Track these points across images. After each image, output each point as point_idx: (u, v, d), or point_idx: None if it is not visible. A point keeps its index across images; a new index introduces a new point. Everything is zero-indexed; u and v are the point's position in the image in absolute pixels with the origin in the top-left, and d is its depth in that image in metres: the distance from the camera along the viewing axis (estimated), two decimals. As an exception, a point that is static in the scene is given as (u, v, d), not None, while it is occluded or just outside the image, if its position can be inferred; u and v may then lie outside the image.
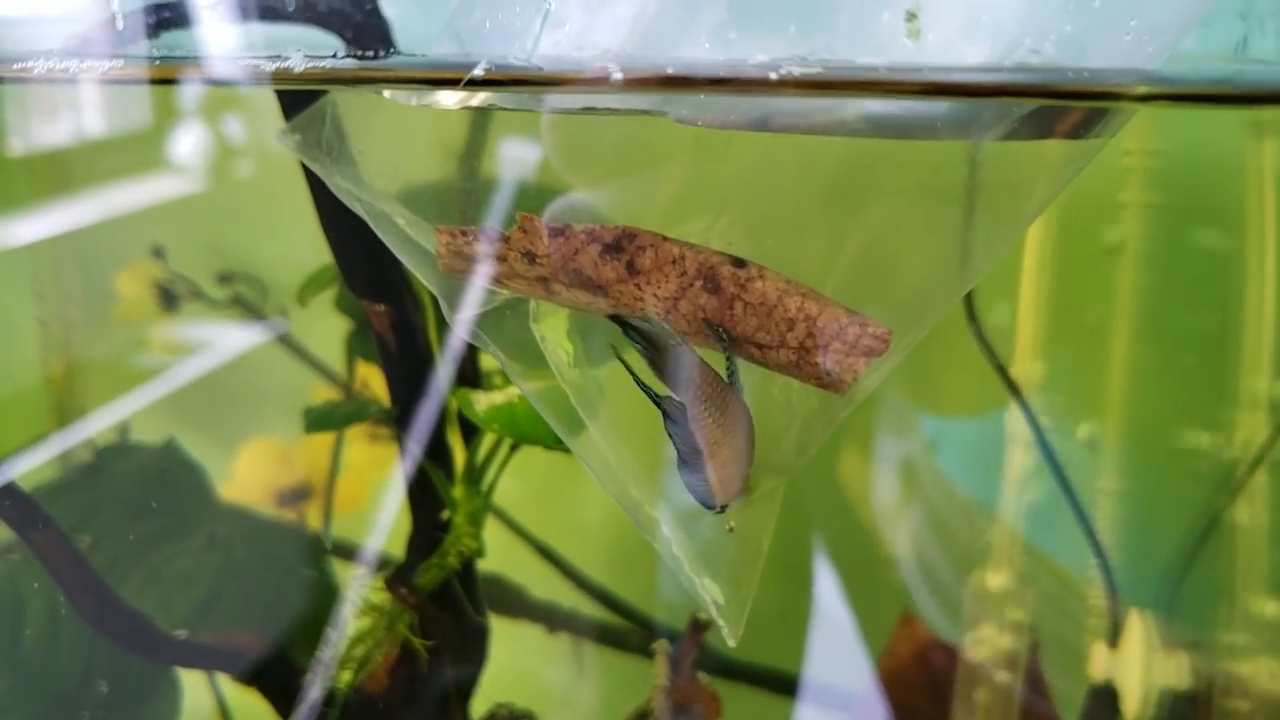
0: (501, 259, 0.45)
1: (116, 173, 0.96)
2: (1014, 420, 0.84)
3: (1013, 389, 0.82)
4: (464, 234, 0.46)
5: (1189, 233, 0.81)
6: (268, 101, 0.60)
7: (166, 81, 0.47)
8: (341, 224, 0.58)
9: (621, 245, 0.43)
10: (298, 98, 0.51)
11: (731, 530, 0.48)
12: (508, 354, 0.48)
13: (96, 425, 0.93)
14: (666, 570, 0.52)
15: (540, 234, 0.44)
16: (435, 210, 0.49)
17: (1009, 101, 0.42)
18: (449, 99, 0.45)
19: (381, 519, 0.80)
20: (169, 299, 0.99)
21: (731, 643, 0.48)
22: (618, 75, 0.36)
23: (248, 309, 0.99)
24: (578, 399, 0.48)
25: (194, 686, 0.77)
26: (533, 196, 0.49)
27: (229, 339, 0.99)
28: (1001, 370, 0.82)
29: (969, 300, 0.80)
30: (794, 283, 0.43)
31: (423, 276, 0.48)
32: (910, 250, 0.46)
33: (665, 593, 0.92)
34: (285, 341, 0.97)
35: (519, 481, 0.95)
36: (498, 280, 0.45)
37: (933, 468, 0.90)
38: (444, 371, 0.67)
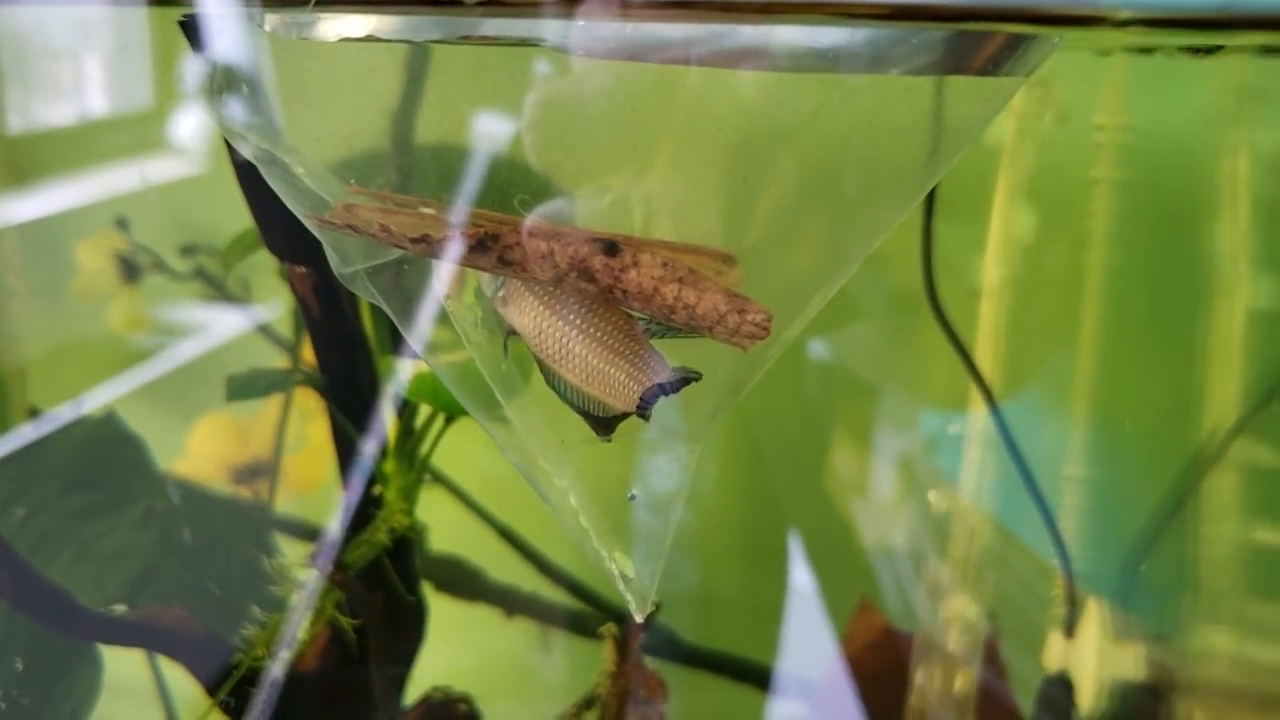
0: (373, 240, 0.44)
1: (90, 152, 0.95)
2: (979, 405, 0.82)
3: (974, 373, 0.80)
4: (330, 222, 0.44)
5: (1161, 210, 0.79)
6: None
7: None
8: (259, 179, 0.55)
9: (487, 245, 0.42)
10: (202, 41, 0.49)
11: (634, 499, 0.46)
12: (401, 316, 0.45)
13: (40, 398, 0.91)
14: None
15: (402, 241, 0.43)
16: (348, 173, 0.47)
17: (946, 28, 0.40)
18: (328, 30, 0.43)
19: (338, 498, 0.78)
20: (130, 271, 0.97)
21: (639, 619, 0.46)
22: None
23: (209, 282, 0.97)
24: (484, 363, 0.45)
25: (124, 658, 0.75)
26: (498, 173, 0.47)
27: (189, 312, 0.97)
28: (964, 353, 0.80)
29: (931, 282, 0.78)
30: (671, 265, 0.41)
31: (312, 228, 0.45)
32: (829, 194, 0.44)
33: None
34: (244, 314, 0.95)
35: (482, 462, 0.93)
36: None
37: (918, 459, 0.88)
38: (374, 339, 0.64)
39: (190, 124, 0.94)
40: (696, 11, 0.41)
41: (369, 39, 0.43)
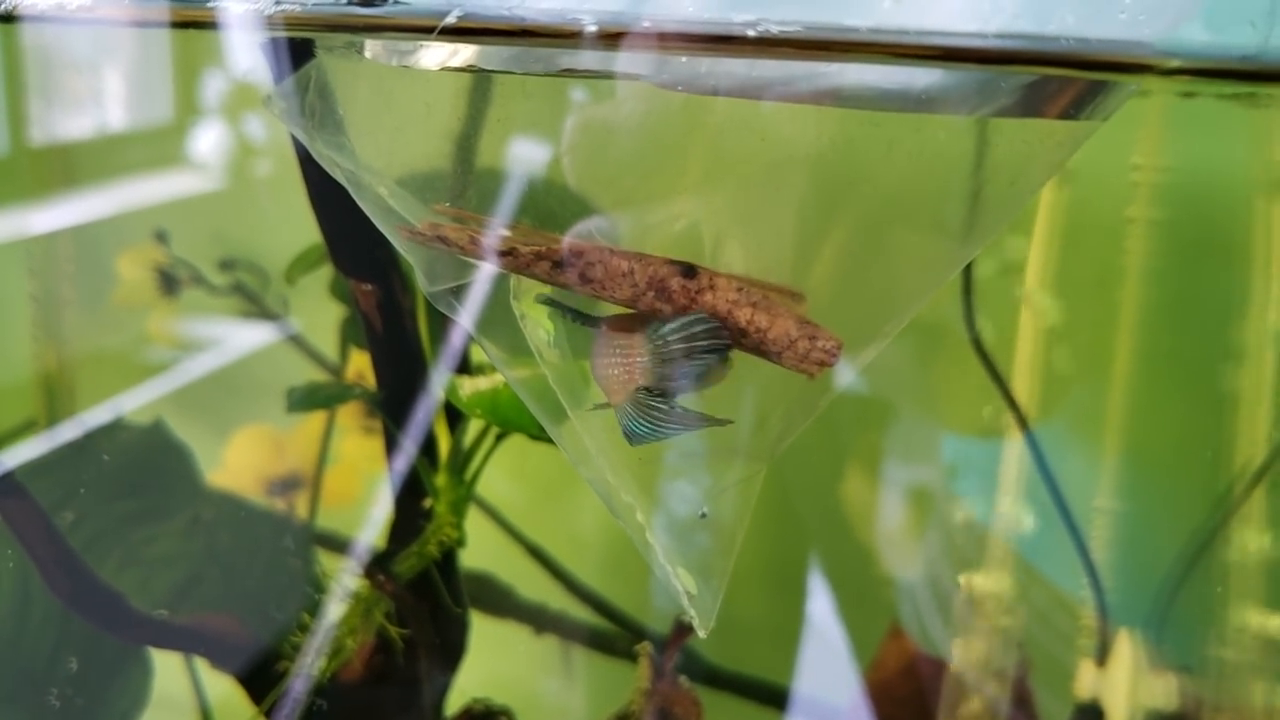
0: (461, 254, 0.45)
1: (128, 163, 0.96)
2: (1012, 434, 0.83)
3: (1010, 402, 0.81)
4: (422, 234, 0.46)
5: (1195, 251, 0.80)
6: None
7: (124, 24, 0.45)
8: (330, 198, 0.57)
9: (570, 262, 0.44)
10: (288, 64, 0.51)
11: (705, 516, 0.47)
12: (485, 332, 0.47)
13: (86, 405, 0.92)
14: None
15: (487, 252, 0.44)
16: (425, 193, 0.49)
17: (1013, 71, 0.41)
18: (430, 59, 0.44)
19: (371, 513, 0.79)
20: (169, 283, 0.99)
21: (702, 634, 0.47)
22: (592, 28, 0.36)
23: (248, 296, 0.98)
24: (557, 380, 0.47)
25: (166, 670, 0.76)
26: (538, 193, 0.48)
27: (227, 326, 0.99)
28: (1000, 382, 0.81)
29: (970, 312, 0.79)
30: (746, 290, 0.43)
31: (400, 246, 0.47)
32: (903, 231, 0.46)
33: (658, 599, 0.91)
34: (283, 330, 0.97)
35: (516, 482, 0.94)
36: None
37: (943, 489, 0.89)
38: (431, 356, 0.66)
39: (216, 140, 0.96)
40: (742, 48, 0.43)
41: (469, 69, 0.44)
